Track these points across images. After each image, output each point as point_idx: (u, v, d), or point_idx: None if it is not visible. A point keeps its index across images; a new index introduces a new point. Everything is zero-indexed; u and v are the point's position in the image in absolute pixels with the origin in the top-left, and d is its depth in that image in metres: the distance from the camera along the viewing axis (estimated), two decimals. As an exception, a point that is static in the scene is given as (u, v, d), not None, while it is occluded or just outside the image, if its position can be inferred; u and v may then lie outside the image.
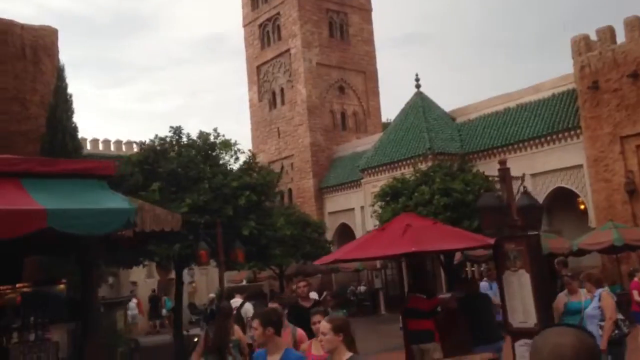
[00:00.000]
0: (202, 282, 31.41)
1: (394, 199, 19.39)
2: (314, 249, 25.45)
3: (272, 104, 34.59)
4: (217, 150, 13.39)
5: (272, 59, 34.45)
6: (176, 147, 13.14)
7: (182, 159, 12.58)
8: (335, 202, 31.28)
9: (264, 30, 35.17)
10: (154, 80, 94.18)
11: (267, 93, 34.92)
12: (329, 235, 28.73)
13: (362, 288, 28.76)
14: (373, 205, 21.35)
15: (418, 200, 18.26)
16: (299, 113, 32.56)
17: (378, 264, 26.54)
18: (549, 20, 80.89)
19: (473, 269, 24.42)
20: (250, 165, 14.11)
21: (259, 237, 12.76)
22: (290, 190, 33.32)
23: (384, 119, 37.30)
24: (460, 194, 17.66)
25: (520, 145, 23.11)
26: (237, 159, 13.62)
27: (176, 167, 12.28)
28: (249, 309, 10.93)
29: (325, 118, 32.90)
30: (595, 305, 7.29)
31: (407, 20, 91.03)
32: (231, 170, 13.42)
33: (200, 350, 6.96)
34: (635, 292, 11.66)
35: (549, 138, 22.25)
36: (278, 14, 33.90)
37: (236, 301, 11.83)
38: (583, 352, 1.75)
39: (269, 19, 34.65)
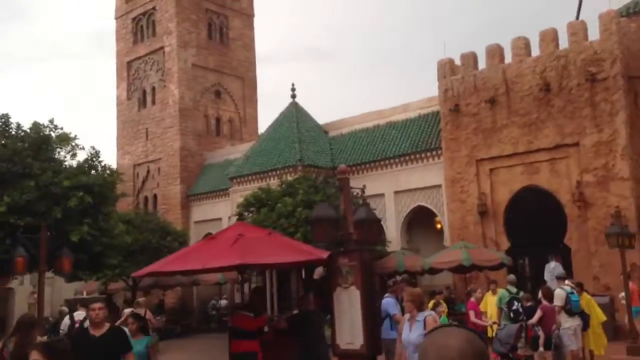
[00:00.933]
0: (47, 292, 28.73)
1: (258, 210, 18.76)
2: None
3: (142, 103, 32.77)
4: (52, 145, 11.98)
5: (145, 55, 32.70)
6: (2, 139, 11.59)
7: (6, 150, 11.07)
8: (202, 210, 30.07)
9: (137, 25, 33.35)
10: (30, 71, 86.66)
11: (136, 91, 33.04)
12: (193, 244, 27.49)
13: (223, 302, 27.73)
14: (236, 216, 20.59)
15: (281, 212, 17.76)
16: (170, 115, 31.07)
17: (239, 277, 25.73)
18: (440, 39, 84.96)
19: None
20: (91, 164, 12.80)
21: (93, 243, 11.51)
22: (155, 195, 31.64)
23: (263, 129, 36.70)
24: (321, 207, 17.40)
25: (387, 162, 23.47)
26: (74, 155, 12.29)
27: (-4, 160, 10.77)
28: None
29: (198, 122, 31.66)
30: (421, 332, 6.01)
31: (309, 33, 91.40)
32: (67, 167, 12.05)
33: None
34: (471, 313, 11.84)
35: (412, 157, 22.77)
36: (154, 8, 32.29)
37: (79, 314, 10.72)
38: (470, 354, 1.71)
39: (143, 13, 32.90)
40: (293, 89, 26.48)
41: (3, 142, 11.34)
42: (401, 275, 21.03)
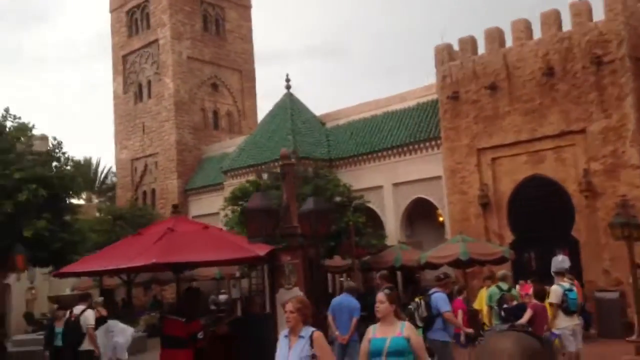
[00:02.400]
0: (44, 288, 28.20)
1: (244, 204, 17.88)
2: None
3: (138, 97, 32.07)
4: (7, 135, 11.19)
5: (140, 48, 31.97)
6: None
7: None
8: (200, 205, 29.32)
9: (132, 18, 32.60)
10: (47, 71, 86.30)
11: (132, 85, 32.34)
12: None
13: (222, 297, 26.99)
14: (224, 209, 19.75)
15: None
16: (166, 108, 30.33)
17: (237, 272, 24.97)
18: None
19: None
20: (53, 155, 12.00)
21: (51, 239, 10.73)
22: (153, 190, 30.95)
23: (262, 122, 35.84)
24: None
25: (384, 153, 22.50)
26: (30, 145, 11.48)
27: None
28: (88, 316, 9.71)
29: (195, 115, 30.89)
30: (305, 354, 4.58)
31: (319, 30, 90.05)
32: (23, 159, 11.26)
33: None
34: (460, 312, 10.88)
35: (411, 147, 21.78)
36: (147, 0, 31.51)
37: (78, 309, 9.95)
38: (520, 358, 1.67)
39: (137, 6, 32.15)
40: (287, 80, 25.58)
41: None
42: (421, 271, 20.05)
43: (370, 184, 22.45)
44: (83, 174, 13.21)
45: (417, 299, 9.11)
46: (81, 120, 75.72)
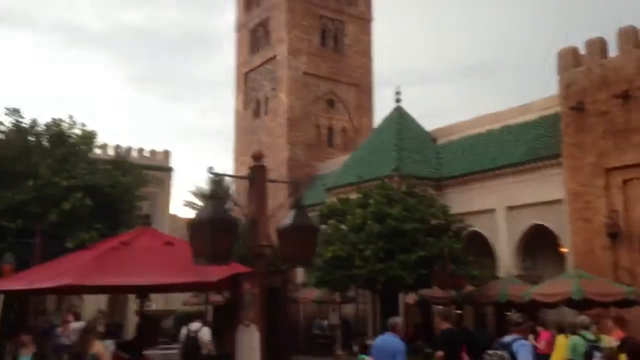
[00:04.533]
0: (160, 302, 29.05)
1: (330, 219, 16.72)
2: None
3: (256, 113, 32.38)
4: (69, 140, 11.09)
5: (259, 65, 32.32)
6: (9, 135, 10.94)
7: (12, 147, 10.35)
8: (309, 223, 28.55)
9: (255, 35, 33.14)
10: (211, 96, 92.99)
11: (252, 102, 32.75)
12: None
13: (326, 322, 25.83)
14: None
15: (351, 225, 15.52)
16: (280, 124, 30.20)
17: (337, 297, 23.69)
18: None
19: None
20: (119, 164, 11.75)
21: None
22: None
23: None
24: (396, 220, 14.82)
25: (498, 172, 20.06)
26: (89, 152, 11.27)
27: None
28: (205, 332, 10.47)
29: (308, 132, 30.40)
30: None
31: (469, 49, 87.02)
32: (88, 166, 11.07)
33: None
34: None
35: (528, 166, 19.15)
36: (268, 18, 31.83)
37: (194, 325, 10.54)
38: None
39: (260, 24, 32.60)
40: (397, 93, 24.07)
41: (2, 137, 10.66)
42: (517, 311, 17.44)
43: (482, 206, 20.12)
44: (140, 182, 12.83)
45: (491, 352, 7.18)
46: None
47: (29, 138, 10.92)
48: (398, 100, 24.21)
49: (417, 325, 19.44)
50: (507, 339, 6.90)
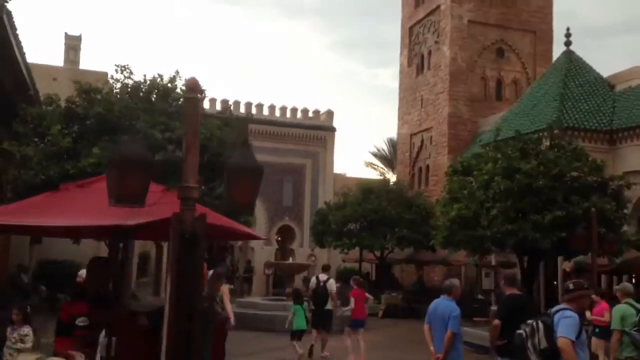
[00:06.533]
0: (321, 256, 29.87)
1: (465, 176, 15.28)
2: (410, 232, 22.03)
3: (420, 69, 30.95)
4: (173, 96, 11.45)
5: (423, 18, 30.67)
6: (118, 89, 11.60)
7: (121, 102, 10.97)
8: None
9: (419, -14, 31.50)
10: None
11: (416, 57, 31.35)
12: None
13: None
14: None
15: (480, 181, 13.99)
16: (442, 79, 28.47)
17: (493, 260, 21.88)
18: None
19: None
20: (226, 120, 11.89)
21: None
22: (428, 167, 29.63)
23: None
24: (529, 177, 12.94)
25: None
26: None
27: (103, 111, 10.75)
28: (332, 283, 12.45)
29: (473, 86, 28.22)
30: None
31: None
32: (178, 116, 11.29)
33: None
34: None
35: None
36: (433, -34, 29.92)
37: (322, 276, 12.50)
38: None
39: (425, -28, 30.85)
40: (567, 35, 20.99)
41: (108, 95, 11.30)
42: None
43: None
44: (242, 134, 12.75)
45: (531, 321, 5.89)
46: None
47: (138, 94, 11.59)
48: (568, 44, 21.16)
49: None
50: (555, 308, 5.50)
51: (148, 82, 11.99)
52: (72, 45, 28.28)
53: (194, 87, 4.76)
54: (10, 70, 12.75)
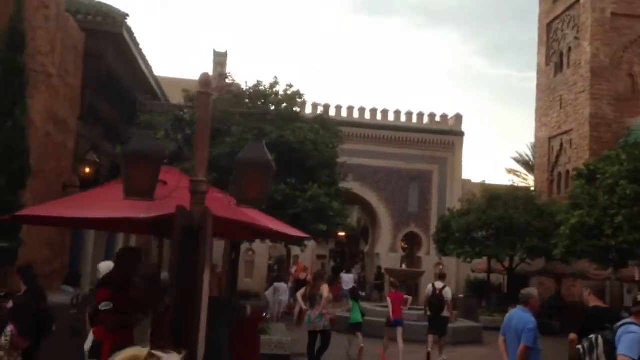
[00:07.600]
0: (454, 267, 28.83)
1: (589, 182, 13.95)
2: (542, 242, 20.41)
3: (559, 67, 28.78)
4: (270, 100, 11.77)
5: (563, 12, 28.51)
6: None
7: (220, 106, 11.46)
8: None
9: (558, -21, 29.36)
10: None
11: (554, 55, 29.22)
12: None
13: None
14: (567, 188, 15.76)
15: (603, 186, 12.65)
16: (582, 77, 26.21)
17: (637, 275, 19.54)
18: None
19: None
20: (323, 123, 11.99)
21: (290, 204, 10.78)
22: (568, 172, 27.38)
23: None
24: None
25: None
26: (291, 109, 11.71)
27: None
28: (448, 291, 13.19)
29: (618, 83, 25.63)
30: None
31: None
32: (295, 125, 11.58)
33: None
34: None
35: None
36: (572, -44, 27.74)
37: (438, 284, 13.03)
38: None
39: (563, -35, 28.70)
40: None
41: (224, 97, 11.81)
42: None
43: None
44: (332, 139, 12.60)
45: (592, 336, 5.27)
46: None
47: (243, 100, 12.09)
48: None
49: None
50: (620, 322, 4.79)
51: (250, 90, 12.48)
52: (220, 61, 30.46)
53: (206, 83, 4.83)
54: (137, 83, 13.87)
